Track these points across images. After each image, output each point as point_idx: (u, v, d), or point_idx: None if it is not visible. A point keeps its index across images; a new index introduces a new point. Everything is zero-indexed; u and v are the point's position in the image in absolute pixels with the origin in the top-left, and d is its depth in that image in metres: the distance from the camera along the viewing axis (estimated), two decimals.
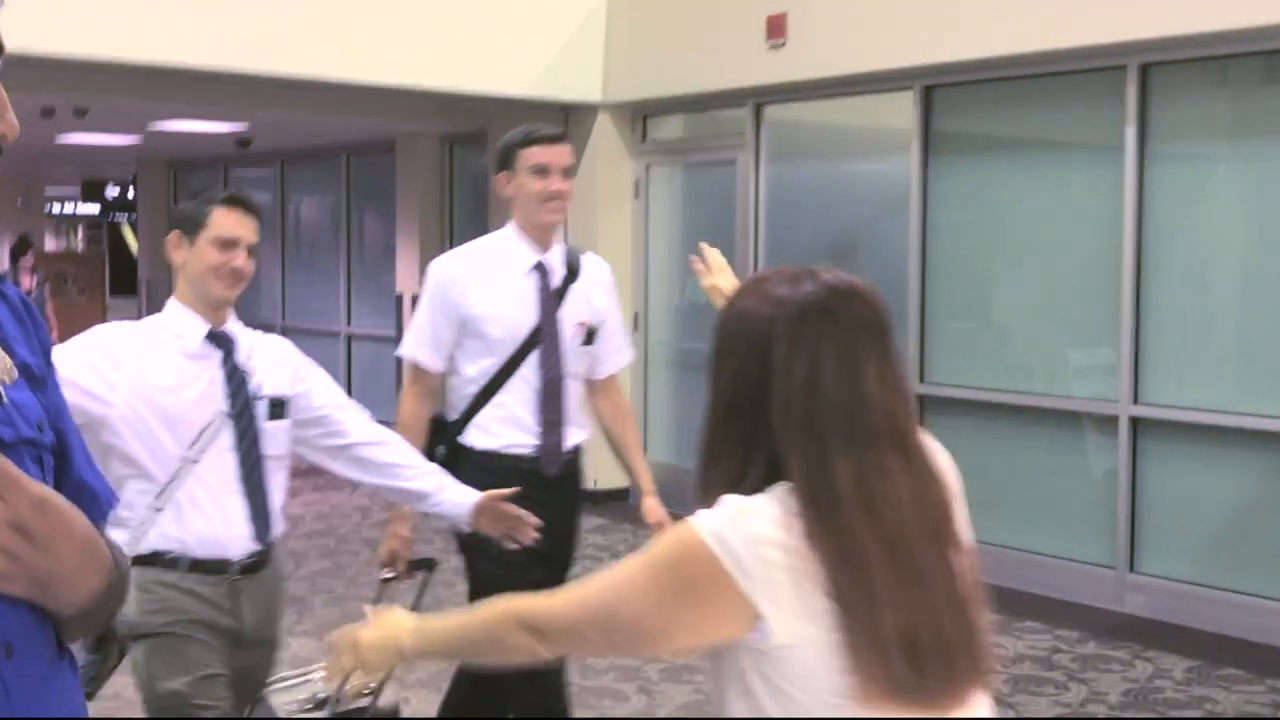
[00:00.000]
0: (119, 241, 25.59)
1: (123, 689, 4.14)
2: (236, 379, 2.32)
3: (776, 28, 6.11)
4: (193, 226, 2.30)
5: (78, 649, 1.86)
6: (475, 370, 2.80)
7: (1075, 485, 5.45)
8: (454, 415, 2.84)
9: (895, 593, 1.24)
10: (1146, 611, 5.08)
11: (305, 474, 7.97)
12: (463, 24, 6.51)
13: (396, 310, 8.79)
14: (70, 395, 1.98)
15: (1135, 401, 5.14)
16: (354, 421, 2.46)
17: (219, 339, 2.33)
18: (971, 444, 5.82)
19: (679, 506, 7.76)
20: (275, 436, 2.35)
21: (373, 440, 2.45)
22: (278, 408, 2.35)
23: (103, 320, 14.61)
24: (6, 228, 16.61)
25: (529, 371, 2.80)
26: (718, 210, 6.81)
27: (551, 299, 2.85)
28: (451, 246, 9.01)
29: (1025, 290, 5.71)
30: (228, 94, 6.85)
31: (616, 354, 3.03)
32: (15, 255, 9.56)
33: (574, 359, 2.86)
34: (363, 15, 6.22)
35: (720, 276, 2.35)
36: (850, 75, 5.88)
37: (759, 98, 6.46)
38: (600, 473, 7.13)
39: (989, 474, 5.74)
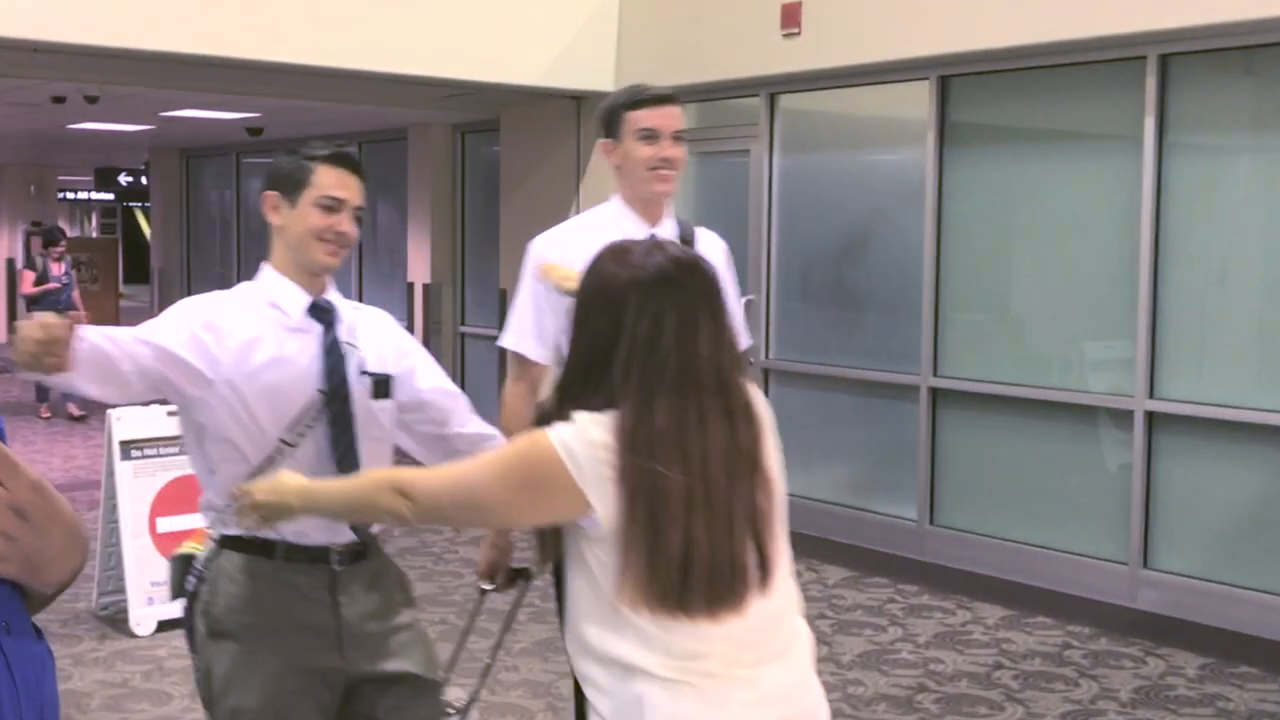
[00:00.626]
0: (132, 229, 25.74)
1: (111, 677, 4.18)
2: (336, 354, 2.07)
3: (791, 16, 6.10)
4: (293, 186, 2.06)
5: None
6: None
7: (1089, 480, 5.45)
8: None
9: (689, 518, 1.52)
10: (1159, 608, 5.08)
11: None
12: (475, 12, 6.53)
13: (408, 298, 8.84)
14: (172, 374, 1.93)
15: (1151, 396, 5.13)
16: (458, 410, 2.21)
17: (320, 311, 2.10)
18: (985, 438, 5.82)
19: None
20: (378, 418, 2.10)
21: (474, 433, 2.20)
22: (382, 386, 2.10)
23: (116, 308, 14.71)
24: (19, 215, 16.74)
25: None
26: (731, 200, 6.81)
27: None
28: (462, 235, 9.18)
29: (1041, 283, 5.70)
30: (239, 82, 6.89)
31: None
32: (47, 245, 9.62)
33: None
34: (374, 4, 6.25)
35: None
36: (865, 65, 5.87)
37: (773, 87, 6.45)
38: None
39: (1002, 468, 5.75)
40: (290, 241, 2.08)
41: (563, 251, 2.52)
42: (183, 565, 2.11)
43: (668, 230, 2.64)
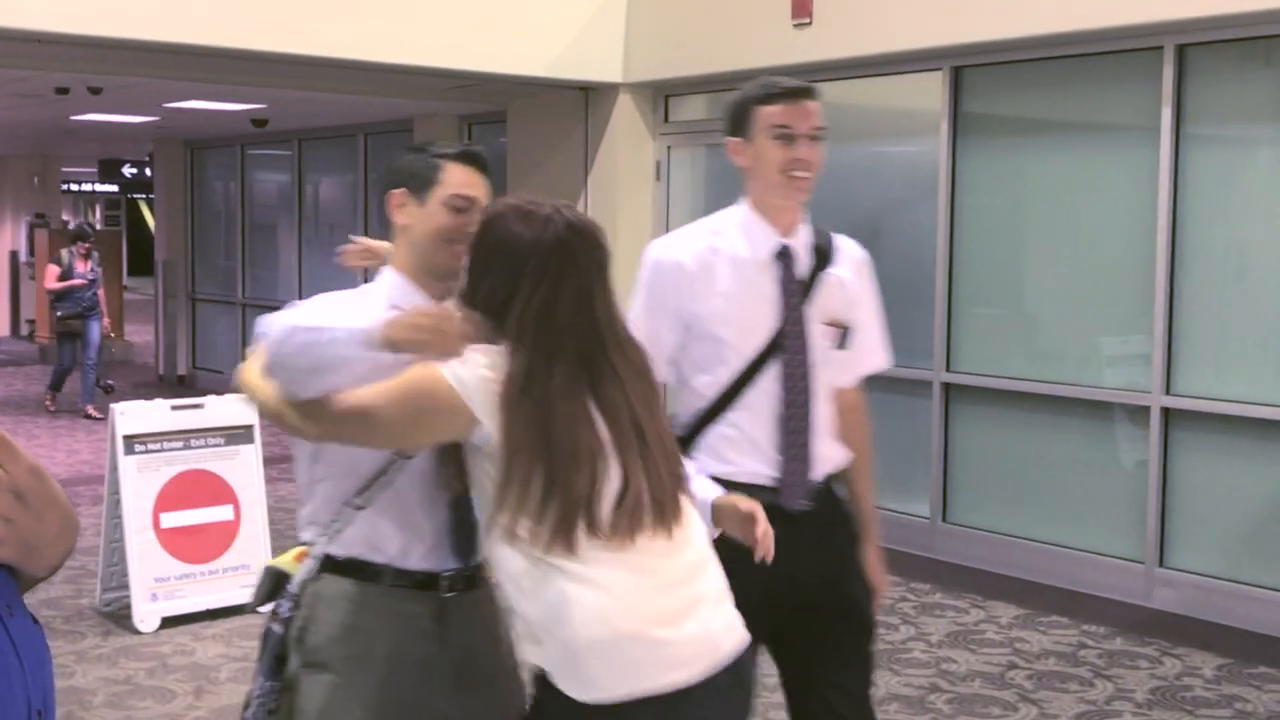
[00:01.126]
0: (136, 221, 25.81)
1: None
2: None
3: (802, 6, 6.08)
4: (422, 184, 1.99)
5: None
6: (704, 382, 2.32)
7: (1104, 477, 5.42)
8: (677, 435, 2.23)
9: (594, 460, 1.70)
10: (1176, 607, 5.06)
11: None
12: (481, 2, 6.53)
13: None
14: None
15: (1167, 392, 5.11)
16: None
17: None
18: (998, 434, 5.80)
19: None
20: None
21: None
22: None
23: (120, 301, 14.71)
24: (23, 207, 16.77)
25: (770, 383, 2.30)
26: (739, 193, 6.79)
27: (797, 293, 2.35)
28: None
29: (1055, 276, 5.68)
30: (244, 73, 6.89)
31: (870, 355, 2.52)
32: (74, 240, 9.56)
33: (824, 367, 2.36)
34: None
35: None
36: (878, 55, 5.85)
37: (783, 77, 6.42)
38: None
39: (1016, 464, 5.73)
40: (415, 242, 1.98)
41: (684, 261, 2.33)
42: (274, 581, 1.98)
43: (802, 239, 2.41)
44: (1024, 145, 5.72)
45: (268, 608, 1.95)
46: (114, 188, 23.23)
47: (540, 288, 1.72)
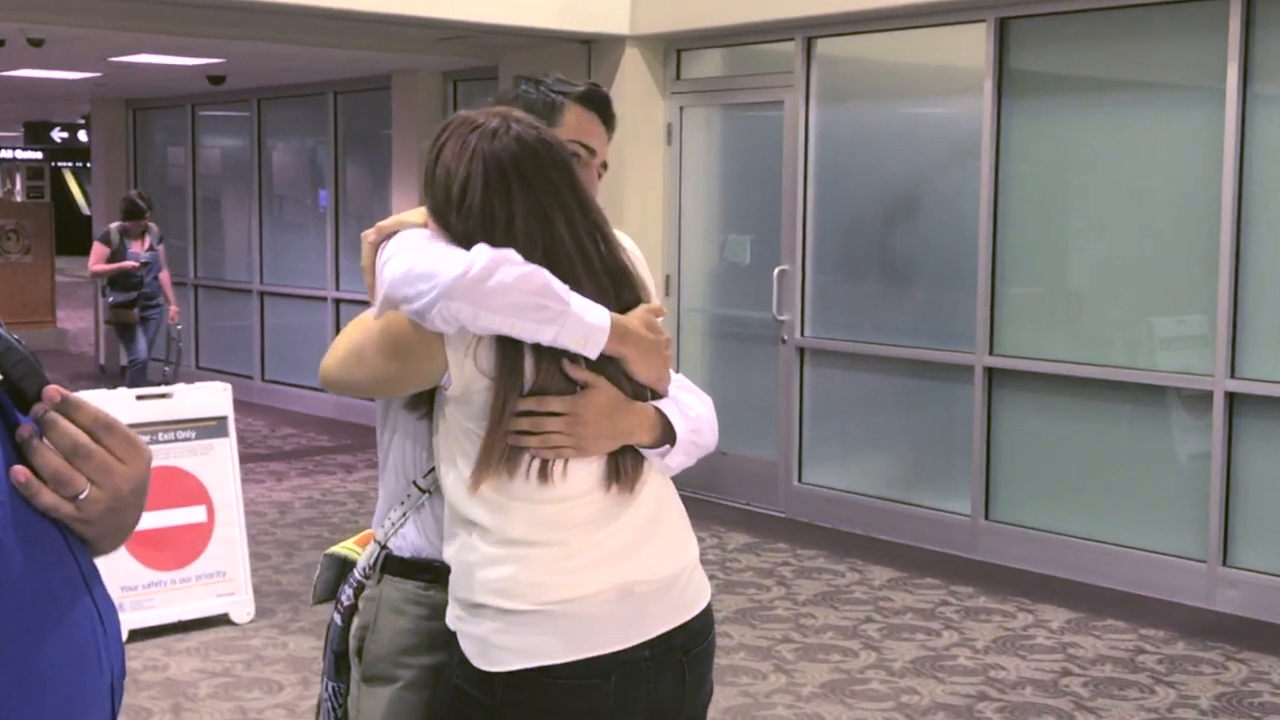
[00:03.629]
0: (61, 193, 25.79)
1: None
2: None
3: None
4: (545, 117, 1.96)
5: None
6: None
7: (1162, 469, 5.62)
8: None
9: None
10: (1241, 609, 5.27)
11: (290, 456, 8.22)
12: None
13: None
14: None
15: (1232, 375, 5.31)
16: None
17: None
18: (1047, 423, 5.99)
19: (712, 492, 7.93)
20: None
21: None
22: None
23: (52, 284, 14.74)
24: None
25: None
26: (761, 158, 6.97)
27: None
28: None
29: (1109, 250, 5.87)
30: (202, 23, 7.01)
31: None
32: (127, 217, 8.68)
33: None
34: None
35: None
36: (914, 5, 6.02)
37: (809, 30, 6.61)
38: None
39: (1065, 456, 5.92)
40: None
41: None
42: (337, 571, 2.02)
43: None
44: (1075, 105, 5.91)
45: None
46: (38, 154, 23.24)
47: (493, 215, 1.77)
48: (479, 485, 1.78)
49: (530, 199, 1.77)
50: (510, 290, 1.68)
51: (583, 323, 1.73)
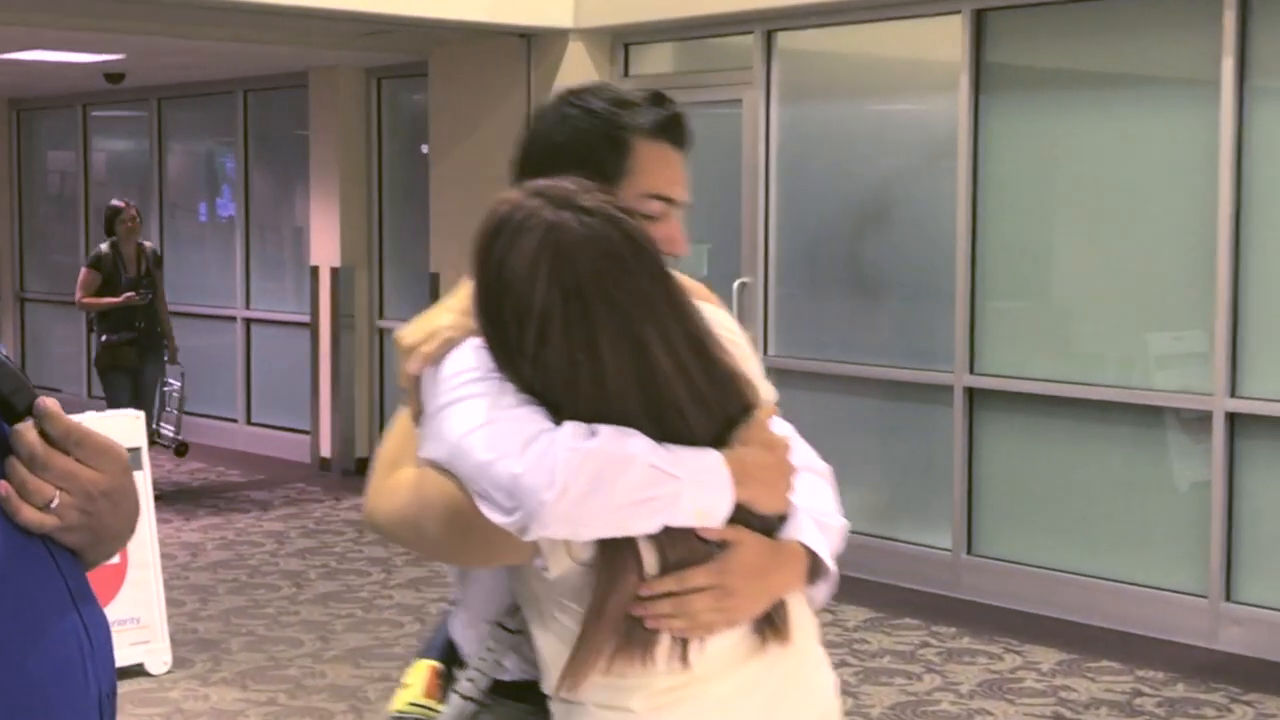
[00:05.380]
0: None
1: None
2: None
3: None
4: (604, 171, 1.74)
5: None
6: None
7: (1159, 497, 5.69)
8: None
9: None
10: (1246, 648, 5.33)
11: (199, 493, 8.12)
12: None
13: (312, 287, 8.92)
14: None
15: (1233, 394, 5.39)
16: None
17: None
18: (1031, 447, 6.05)
19: None
20: None
21: None
22: None
23: None
24: None
25: None
26: (718, 161, 6.99)
27: None
28: (381, 206, 9.27)
29: (1098, 259, 5.94)
30: (100, 15, 6.94)
31: None
32: (111, 227, 7.96)
33: None
34: None
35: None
36: None
37: (769, 22, 6.65)
38: None
39: (1053, 484, 5.98)
40: None
41: None
42: None
43: None
44: (1058, 102, 5.99)
45: None
46: None
47: (580, 369, 1.57)
48: (578, 685, 1.62)
49: (618, 321, 1.57)
50: (614, 499, 1.53)
51: (699, 496, 1.58)
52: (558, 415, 1.57)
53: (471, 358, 1.64)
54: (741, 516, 1.64)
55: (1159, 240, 5.68)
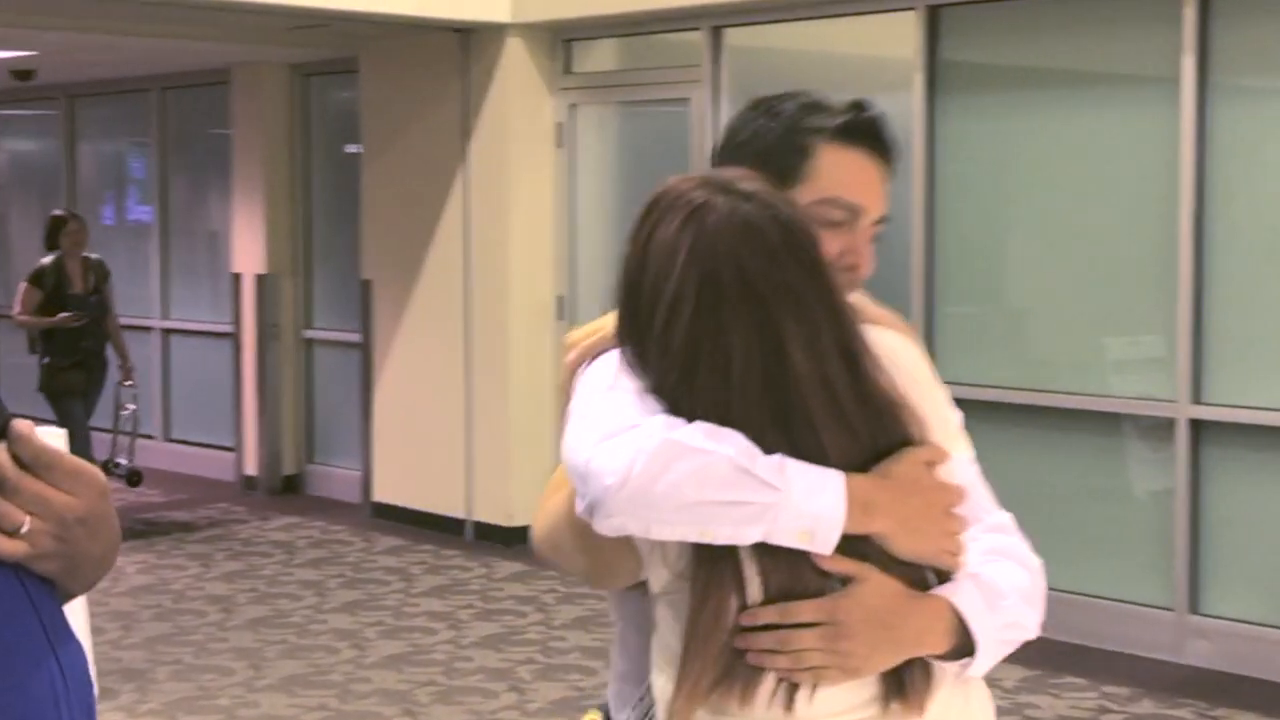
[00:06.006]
0: None
1: None
2: None
3: None
4: (777, 168, 1.71)
5: None
6: None
7: (1120, 507, 5.77)
8: None
9: None
10: (1213, 662, 5.41)
11: (117, 514, 7.98)
12: None
13: (234, 296, 8.83)
14: None
15: (1196, 401, 5.48)
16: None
17: None
18: (986, 456, 6.07)
19: None
20: None
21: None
22: None
23: None
24: None
25: None
26: (665, 162, 7.00)
27: None
28: (308, 210, 9.19)
29: (1055, 262, 6.02)
30: (9, 10, 6.83)
31: None
32: (53, 237, 7.75)
33: None
34: None
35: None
36: None
37: (717, 18, 6.69)
38: (516, 506, 7.30)
39: (1010, 494, 5.97)
40: None
41: None
42: None
43: None
44: (1014, 102, 6.06)
45: None
46: None
47: (702, 356, 1.51)
48: (687, 716, 1.53)
49: (755, 315, 1.51)
50: (685, 491, 1.45)
51: (804, 515, 1.47)
52: (674, 412, 1.51)
53: (606, 368, 1.60)
54: (880, 559, 1.53)
55: (1119, 242, 5.76)
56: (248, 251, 8.78)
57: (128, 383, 7.99)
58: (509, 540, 7.17)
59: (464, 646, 5.72)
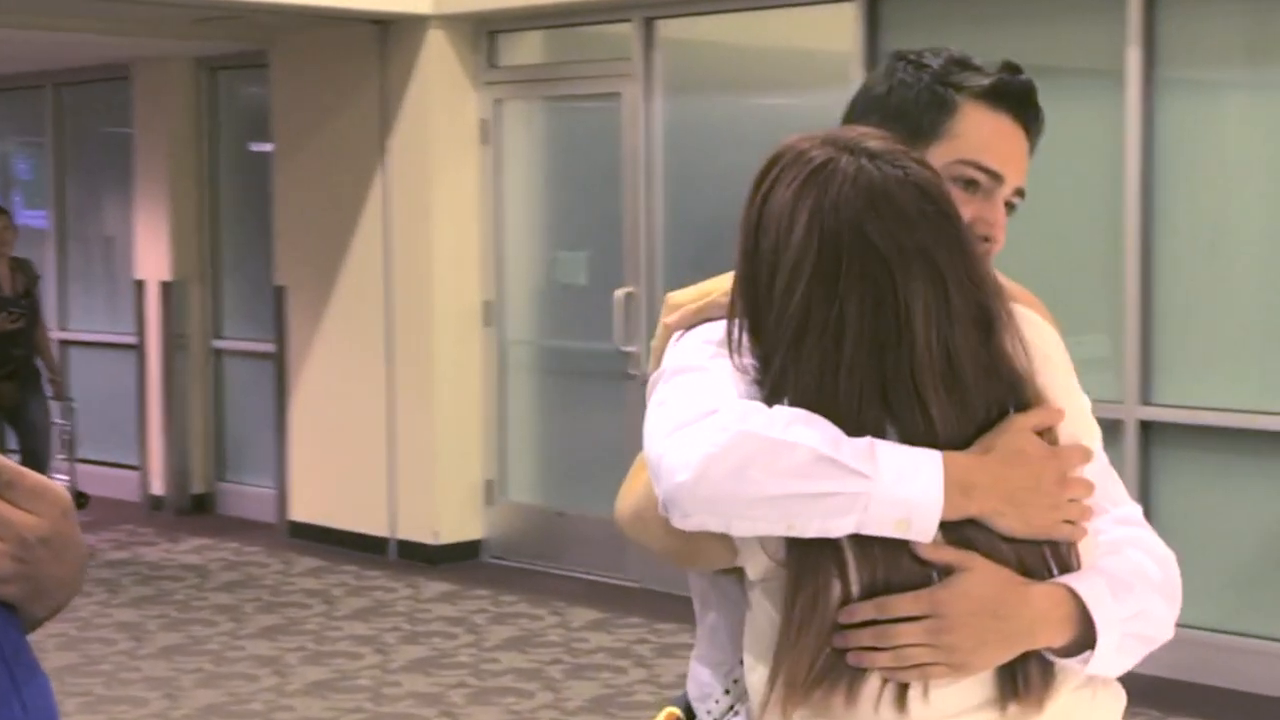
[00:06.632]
0: None
1: None
2: None
3: None
4: (916, 127, 1.70)
5: None
6: None
7: None
8: None
9: None
10: (1164, 670, 5.50)
11: None
12: None
13: (136, 304, 8.74)
14: None
15: (1145, 402, 5.60)
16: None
17: None
18: None
19: (547, 561, 7.98)
20: None
21: None
22: None
23: None
24: None
25: None
26: (596, 159, 7.05)
27: None
28: (215, 213, 9.12)
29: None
30: None
31: None
32: None
33: None
34: None
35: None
36: None
37: (649, 9, 6.75)
38: (442, 523, 7.28)
39: None
40: None
41: None
42: None
43: None
44: None
45: None
46: None
47: (810, 325, 1.49)
48: (788, 714, 1.50)
49: (878, 281, 1.48)
50: (765, 485, 1.43)
51: (898, 501, 1.44)
52: (777, 386, 1.49)
53: (718, 331, 1.58)
54: (989, 543, 1.50)
55: (1064, 240, 5.87)
56: (152, 257, 8.69)
57: (61, 398, 7.85)
58: (435, 559, 7.15)
59: (391, 671, 5.70)
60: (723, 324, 1.57)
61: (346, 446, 7.59)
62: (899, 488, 1.43)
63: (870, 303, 1.48)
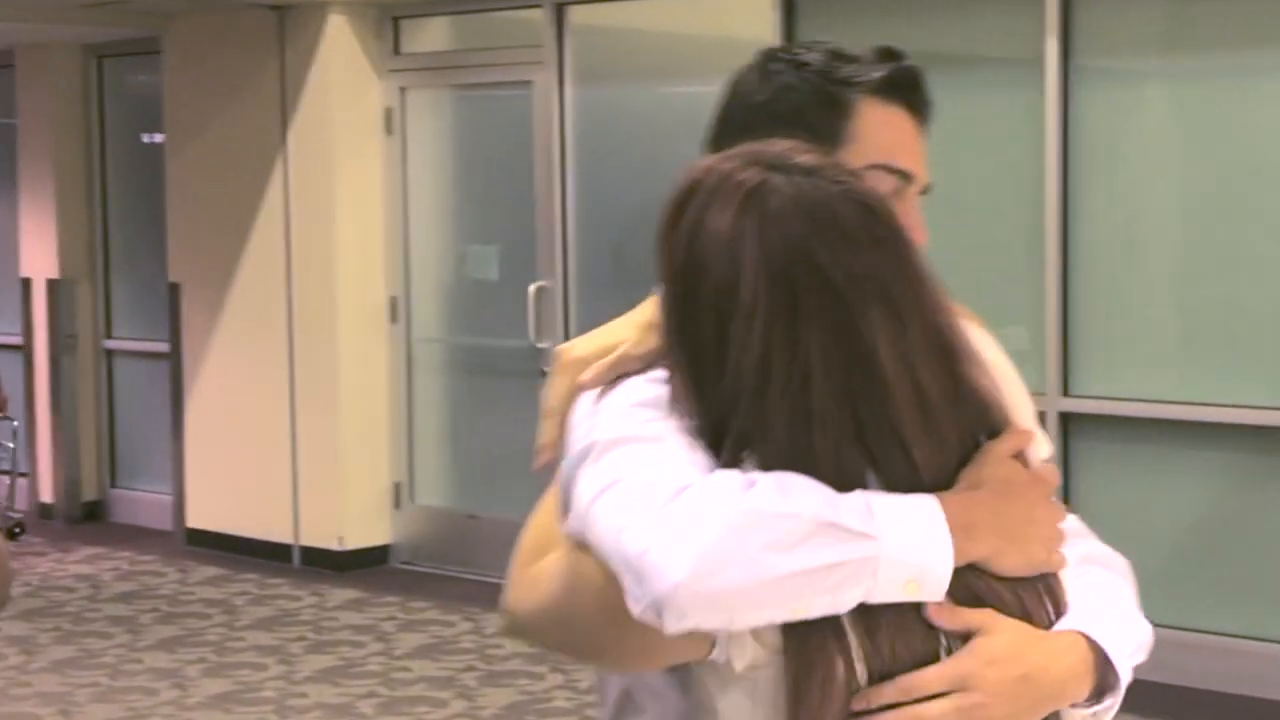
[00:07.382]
0: None
1: None
2: None
3: None
4: (814, 132, 1.58)
5: None
6: None
7: None
8: None
9: None
10: None
11: None
12: None
13: (23, 303, 8.71)
14: None
15: (1066, 393, 5.82)
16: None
17: None
18: None
19: (459, 566, 8.04)
20: None
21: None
22: None
23: None
24: None
25: None
26: (506, 149, 7.14)
27: None
28: (105, 208, 9.08)
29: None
30: None
31: None
32: None
33: None
34: None
35: None
36: None
37: None
38: (348, 529, 7.33)
39: None
40: None
41: None
42: None
43: None
44: None
45: None
46: None
47: (772, 381, 1.37)
48: None
49: (833, 312, 1.38)
50: (770, 568, 1.30)
51: (906, 561, 1.33)
52: (739, 445, 1.38)
53: (646, 390, 1.44)
54: (992, 594, 1.41)
55: (984, 231, 6.06)
56: (38, 254, 8.66)
57: (10, 417, 7.77)
58: (341, 566, 7.21)
59: (297, 682, 5.76)
60: (642, 382, 1.45)
61: (247, 450, 7.62)
62: (905, 546, 1.33)
63: (831, 341, 1.38)
